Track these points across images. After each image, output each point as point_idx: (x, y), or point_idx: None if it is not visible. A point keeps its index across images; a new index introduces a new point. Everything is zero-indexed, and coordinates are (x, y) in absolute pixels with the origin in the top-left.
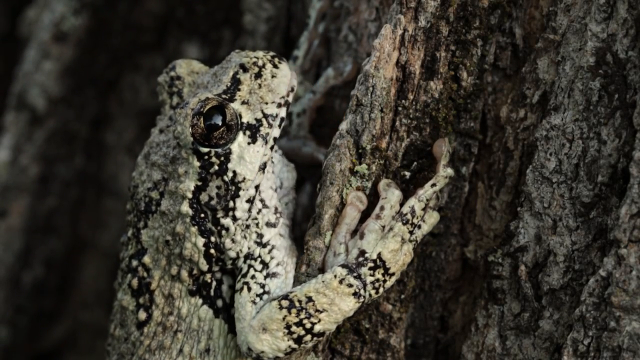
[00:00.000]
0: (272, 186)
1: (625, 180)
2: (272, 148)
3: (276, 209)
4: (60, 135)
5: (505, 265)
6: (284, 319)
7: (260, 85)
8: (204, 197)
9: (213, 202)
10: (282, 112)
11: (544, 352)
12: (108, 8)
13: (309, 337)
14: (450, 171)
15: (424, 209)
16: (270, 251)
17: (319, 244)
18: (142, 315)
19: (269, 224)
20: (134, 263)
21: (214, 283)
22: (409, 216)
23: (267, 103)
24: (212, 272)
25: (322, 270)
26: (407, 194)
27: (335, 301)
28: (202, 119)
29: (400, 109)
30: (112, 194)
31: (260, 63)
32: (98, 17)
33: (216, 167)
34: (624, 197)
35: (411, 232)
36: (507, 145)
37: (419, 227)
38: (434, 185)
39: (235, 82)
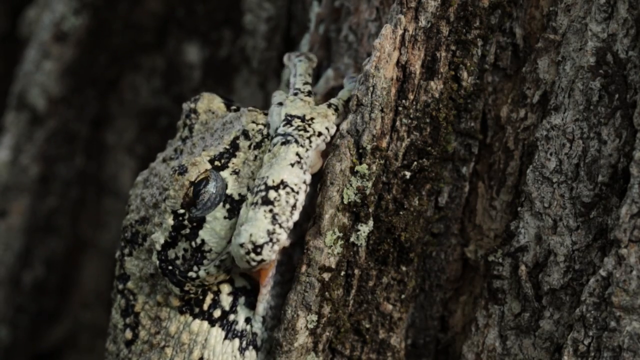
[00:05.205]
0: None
1: (626, 180)
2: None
3: None
4: (61, 135)
5: (506, 265)
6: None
7: (255, 158)
8: (171, 254)
9: (178, 262)
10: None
11: (544, 352)
12: (108, 8)
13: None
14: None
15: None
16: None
17: (319, 244)
18: (129, 334)
19: None
20: (120, 286)
21: (209, 296)
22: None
23: (255, 180)
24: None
25: (322, 268)
26: (406, 194)
27: (280, 155)
28: (192, 187)
29: (400, 108)
30: (112, 194)
31: (265, 132)
32: (98, 17)
33: (187, 231)
34: (625, 197)
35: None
36: (508, 145)
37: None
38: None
39: (234, 148)
